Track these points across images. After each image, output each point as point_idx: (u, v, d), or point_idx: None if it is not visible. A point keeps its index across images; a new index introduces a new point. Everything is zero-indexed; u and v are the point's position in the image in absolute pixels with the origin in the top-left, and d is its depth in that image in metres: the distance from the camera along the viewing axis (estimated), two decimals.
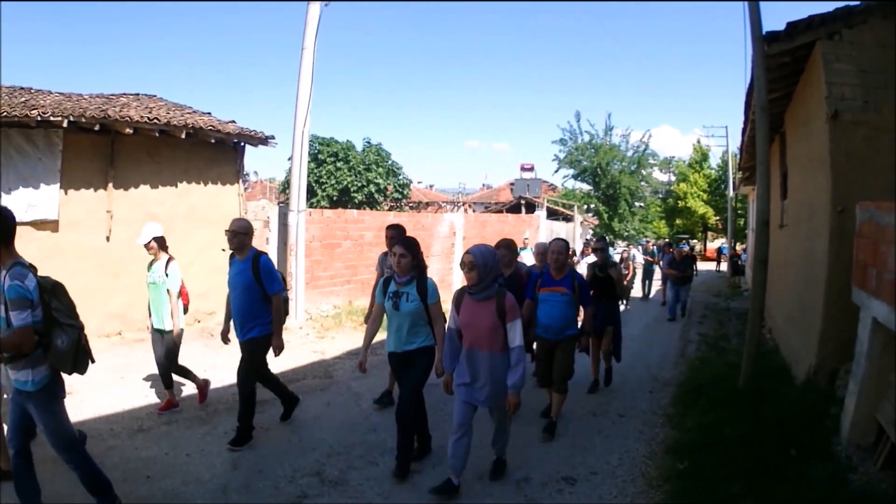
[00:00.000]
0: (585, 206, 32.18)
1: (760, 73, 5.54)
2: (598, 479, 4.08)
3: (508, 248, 5.77)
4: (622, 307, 13.54)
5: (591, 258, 14.99)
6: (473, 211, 30.47)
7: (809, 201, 6.04)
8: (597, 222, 32.06)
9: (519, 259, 11.76)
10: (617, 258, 16.69)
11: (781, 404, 4.79)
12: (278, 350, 4.67)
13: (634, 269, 14.43)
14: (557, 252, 5.16)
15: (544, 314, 5.12)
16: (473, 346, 3.66)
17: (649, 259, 15.85)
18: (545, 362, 5.18)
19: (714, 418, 4.81)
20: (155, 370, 5.29)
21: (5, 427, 3.38)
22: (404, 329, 4.09)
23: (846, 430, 3.96)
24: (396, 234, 5.07)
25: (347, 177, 22.03)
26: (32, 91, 8.75)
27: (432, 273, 13.57)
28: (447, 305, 3.97)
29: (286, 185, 19.66)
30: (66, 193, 7.79)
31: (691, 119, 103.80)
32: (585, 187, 35.51)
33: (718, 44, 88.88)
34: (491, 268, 3.61)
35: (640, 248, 19.50)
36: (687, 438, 4.59)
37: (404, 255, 4.04)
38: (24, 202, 7.27)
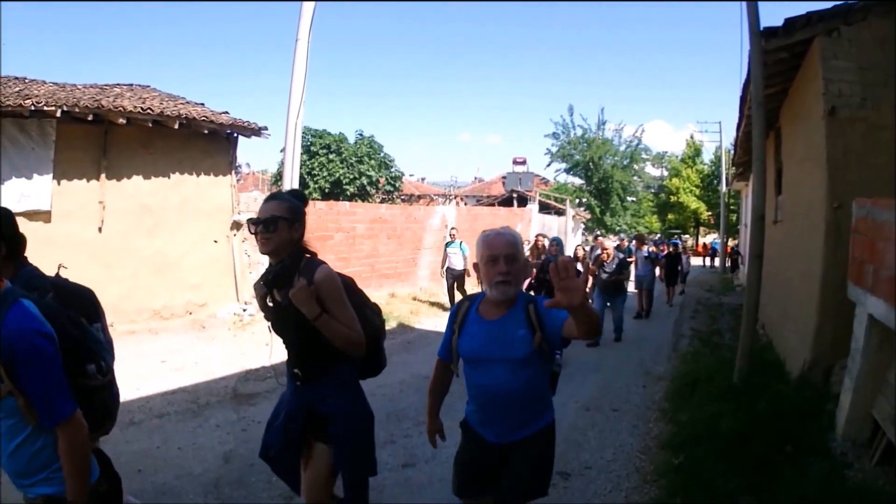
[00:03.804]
0: (577, 201, 32.19)
1: (757, 69, 5.53)
2: (592, 474, 4.07)
3: None
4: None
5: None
6: (465, 204, 30.37)
7: (805, 197, 6.05)
8: (589, 216, 32.10)
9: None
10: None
11: (776, 400, 4.80)
12: None
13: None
14: None
15: None
16: None
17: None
18: None
19: (709, 413, 4.81)
20: (146, 363, 5.20)
21: None
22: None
23: (841, 427, 3.98)
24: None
25: (339, 169, 21.90)
26: (26, 81, 8.68)
27: (423, 265, 13.60)
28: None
29: (278, 177, 19.56)
30: (58, 184, 7.71)
31: (683, 114, 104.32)
32: (578, 181, 35.50)
33: (712, 39, 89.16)
34: None
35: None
36: (681, 434, 4.58)
37: None
38: (17, 192, 7.23)
